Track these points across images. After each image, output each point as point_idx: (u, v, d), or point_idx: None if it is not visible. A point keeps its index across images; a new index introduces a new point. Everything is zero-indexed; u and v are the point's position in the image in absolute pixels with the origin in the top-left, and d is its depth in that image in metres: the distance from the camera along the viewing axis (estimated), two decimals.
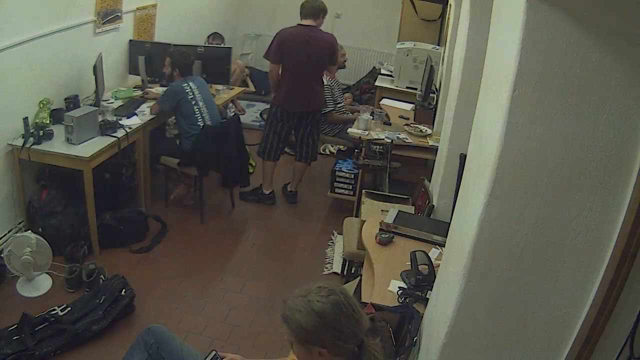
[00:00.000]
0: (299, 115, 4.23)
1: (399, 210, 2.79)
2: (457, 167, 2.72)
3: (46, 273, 3.13)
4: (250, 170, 4.72)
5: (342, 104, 4.97)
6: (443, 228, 2.53)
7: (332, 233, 4.10)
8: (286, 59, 4.06)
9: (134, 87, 4.45)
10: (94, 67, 3.65)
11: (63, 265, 3.20)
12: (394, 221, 2.67)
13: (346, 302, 1.52)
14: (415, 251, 2.32)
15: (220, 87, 4.80)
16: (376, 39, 6.91)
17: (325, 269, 3.66)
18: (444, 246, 2.02)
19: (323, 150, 5.32)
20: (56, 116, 3.49)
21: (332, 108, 4.71)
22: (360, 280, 2.65)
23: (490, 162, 1.41)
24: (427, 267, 2.26)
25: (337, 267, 3.64)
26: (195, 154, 3.83)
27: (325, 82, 4.59)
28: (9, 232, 3.31)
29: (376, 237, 2.48)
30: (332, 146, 5.25)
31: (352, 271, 3.26)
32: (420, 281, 2.23)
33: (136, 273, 3.36)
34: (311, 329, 1.49)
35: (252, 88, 6.22)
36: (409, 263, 2.32)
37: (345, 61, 4.88)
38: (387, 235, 2.49)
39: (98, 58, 3.75)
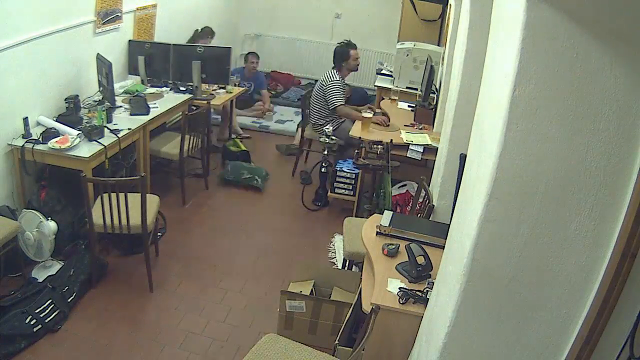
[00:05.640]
0: None
1: (394, 213, 2.79)
2: (457, 167, 2.72)
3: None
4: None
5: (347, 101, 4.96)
6: (440, 229, 2.53)
7: (332, 233, 4.10)
8: None
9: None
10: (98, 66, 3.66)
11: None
12: (390, 224, 2.66)
13: None
14: (410, 244, 2.35)
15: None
16: (376, 39, 6.91)
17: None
18: (442, 248, 2.02)
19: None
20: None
21: (342, 102, 4.70)
22: (360, 280, 2.65)
23: (490, 162, 1.41)
24: (423, 257, 2.30)
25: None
26: None
27: (338, 79, 4.66)
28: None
29: (383, 249, 2.48)
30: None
31: (353, 270, 3.27)
32: (421, 272, 2.27)
33: (136, 273, 3.36)
34: None
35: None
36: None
37: (357, 65, 4.87)
38: (393, 247, 2.48)
39: (107, 64, 3.79)
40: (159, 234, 3.71)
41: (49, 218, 3.10)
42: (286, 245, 3.96)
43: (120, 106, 3.95)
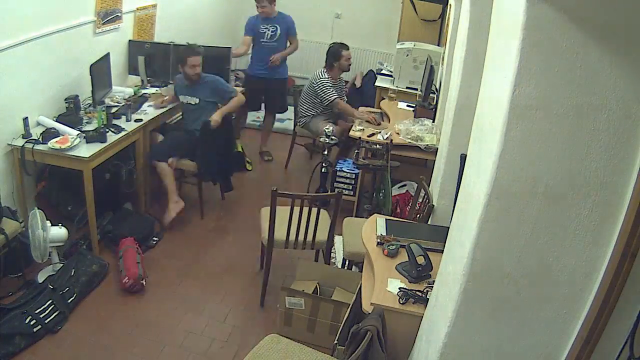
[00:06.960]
0: None
1: (387, 219, 2.78)
2: (457, 167, 2.72)
3: None
4: (249, 168, 5.12)
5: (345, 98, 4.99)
6: (438, 233, 2.51)
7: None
8: None
9: (134, 86, 4.46)
10: (90, 67, 3.65)
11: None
12: (388, 232, 2.64)
13: None
14: (410, 244, 2.35)
15: None
16: (376, 39, 6.90)
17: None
18: (441, 252, 2.02)
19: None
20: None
21: (337, 96, 4.72)
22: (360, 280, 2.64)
23: (490, 162, 1.41)
24: (423, 257, 2.29)
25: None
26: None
27: (327, 77, 4.69)
28: None
29: (383, 249, 2.48)
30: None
31: (353, 270, 3.26)
32: (421, 272, 2.27)
33: None
34: None
35: None
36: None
37: (349, 65, 4.88)
38: (393, 247, 2.47)
39: (105, 58, 3.75)
40: (154, 239, 3.73)
41: (60, 225, 3.10)
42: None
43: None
